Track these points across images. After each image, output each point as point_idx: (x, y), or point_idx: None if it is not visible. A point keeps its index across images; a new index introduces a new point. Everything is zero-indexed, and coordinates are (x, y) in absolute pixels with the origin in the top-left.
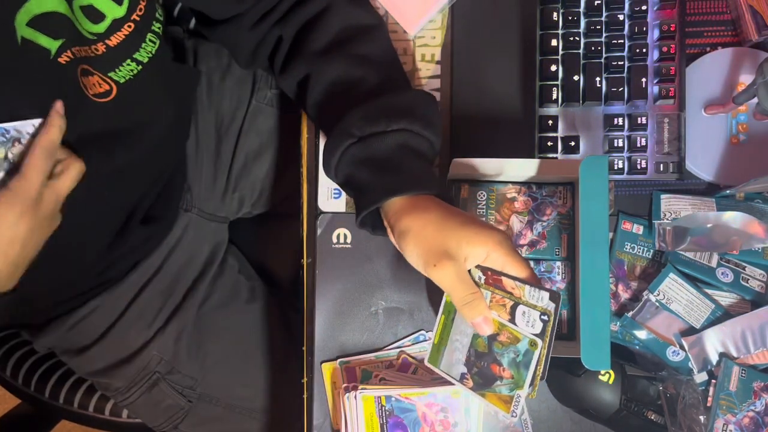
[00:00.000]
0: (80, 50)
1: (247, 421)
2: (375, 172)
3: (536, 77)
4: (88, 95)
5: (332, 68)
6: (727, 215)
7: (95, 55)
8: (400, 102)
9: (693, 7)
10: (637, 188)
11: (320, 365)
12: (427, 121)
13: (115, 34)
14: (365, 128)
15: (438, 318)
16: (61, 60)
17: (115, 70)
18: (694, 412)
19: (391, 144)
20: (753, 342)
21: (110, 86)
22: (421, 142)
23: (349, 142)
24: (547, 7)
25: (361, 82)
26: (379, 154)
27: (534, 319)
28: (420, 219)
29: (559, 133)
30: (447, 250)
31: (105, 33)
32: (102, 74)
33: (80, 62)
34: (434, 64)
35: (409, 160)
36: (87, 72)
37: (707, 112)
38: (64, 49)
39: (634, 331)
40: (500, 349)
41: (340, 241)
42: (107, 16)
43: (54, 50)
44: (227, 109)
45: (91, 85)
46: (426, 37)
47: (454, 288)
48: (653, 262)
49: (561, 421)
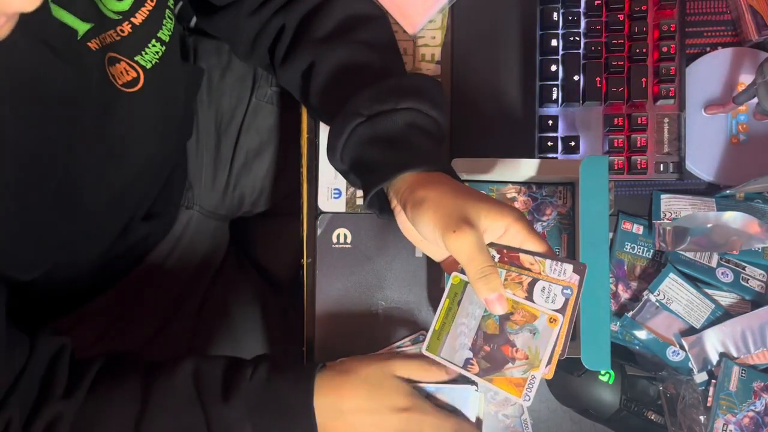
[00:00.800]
0: (106, 36)
1: None
2: (384, 150)
3: (536, 77)
4: (116, 85)
5: (337, 54)
6: (727, 215)
7: (121, 37)
8: (407, 83)
9: (693, 7)
10: (637, 188)
11: None
12: (434, 102)
13: (139, 10)
14: (374, 107)
15: (441, 302)
16: (90, 45)
17: (141, 53)
18: (694, 412)
19: (400, 122)
20: (753, 342)
21: (137, 73)
22: (429, 122)
23: (357, 121)
24: (547, 7)
25: (366, 66)
26: (388, 132)
27: (555, 294)
28: (436, 189)
29: (559, 133)
30: (468, 216)
31: (130, 10)
32: (129, 59)
33: (108, 50)
34: (434, 64)
35: (419, 138)
36: (114, 60)
37: (707, 112)
38: (92, 35)
39: (634, 331)
40: (514, 329)
41: (340, 241)
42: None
43: (81, 32)
44: (227, 107)
45: (119, 74)
46: (426, 37)
47: (472, 257)
48: (653, 262)
49: (561, 421)
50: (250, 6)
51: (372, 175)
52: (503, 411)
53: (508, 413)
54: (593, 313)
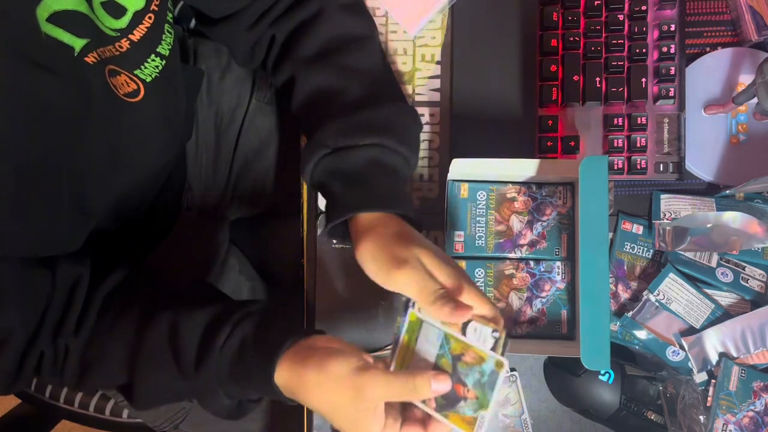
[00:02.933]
0: (105, 51)
1: (246, 421)
2: (344, 186)
3: (536, 77)
4: (119, 95)
5: (317, 76)
6: (727, 215)
7: (120, 52)
8: (377, 117)
9: (693, 7)
10: (637, 188)
11: None
12: (402, 137)
13: (137, 27)
14: (339, 140)
15: (399, 341)
16: (87, 60)
17: (140, 67)
18: (693, 412)
19: (362, 158)
20: (753, 342)
21: (137, 85)
22: (394, 159)
23: (323, 152)
24: (547, 7)
25: (342, 93)
26: (349, 168)
27: (486, 336)
28: (381, 234)
29: (559, 133)
30: (410, 253)
31: (127, 28)
32: (129, 72)
33: (107, 62)
34: (434, 64)
35: (379, 177)
36: (115, 72)
37: (707, 112)
38: (89, 50)
39: (634, 331)
40: (465, 369)
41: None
42: (128, 9)
43: (78, 48)
44: (227, 108)
45: (120, 85)
46: (426, 37)
47: (423, 286)
48: (653, 262)
49: (561, 421)
50: (248, 19)
51: (332, 209)
52: (503, 411)
53: (508, 413)
54: (593, 313)
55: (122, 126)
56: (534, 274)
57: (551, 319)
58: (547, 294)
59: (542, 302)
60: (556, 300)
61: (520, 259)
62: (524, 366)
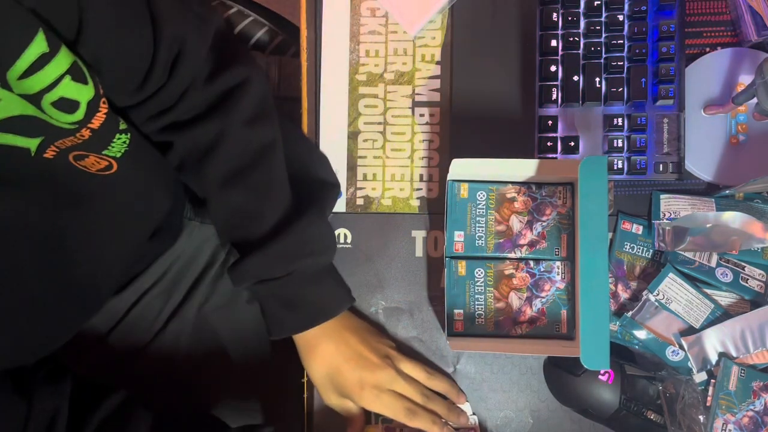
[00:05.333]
0: (64, 142)
1: (247, 421)
2: (278, 308)
3: (536, 77)
4: (92, 172)
5: (230, 199)
6: (727, 215)
7: (82, 140)
8: (291, 243)
9: (693, 7)
10: (637, 188)
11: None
12: (320, 249)
13: (95, 116)
14: (264, 274)
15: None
16: (47, 155)
17: (108, 147)
18: (693, 411)
19: (289, 284)
20: (752, 342)
21: (109, 162)
22: (316, 268)
23: (252, 281)
24: (547, 7)
25: (256, 219)
26: (279, 294)
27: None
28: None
29: (559, 134)
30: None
31: (84, 119)
32: (96, 154)
33: (69, 151)
34: (434, 64)
35: (309, 292)
36: (81, 156)
37: (707, 112)
38: (46, 146)
39: (634, 331)
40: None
41: (340, 241)
42: (81, 101)
43: (34, 148)
44: None
45: (90, 165)
46: (426, 37)
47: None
48: (653, 262)
49: (561, 421)
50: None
51: (269, 325)
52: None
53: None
54: (593, 313)
55: (110, 196)
56: (534, 273)
57: (551, 319)
58: (547, 294)
59: (542, 302)
60: (556, 300)
61: (520, 259)
62: (524, 366)
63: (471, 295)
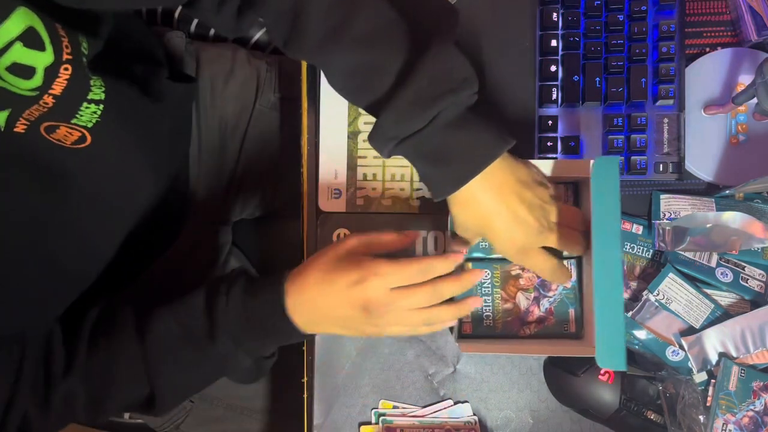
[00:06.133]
0: (31, 112)
1: (247, 421)
2: (431, 167)
3: (536, 77)
4: (66, 146)
5: (339, 60)
6: (727, 215)
7: (48, 108)
8: (422, 84)
9: (693, 7)
10: (637, 188)
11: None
12: (453, 83)
13: (55, 81)
14: (402, 130)
15: None
16: (17, 129)
17: (76, 116)
18: (693, 411)
19: (434, 134)
20: (752, 342)
21: (81, 132)
22: (459, 108)
23: (393, 144)
24: (547, 8)
25: (376, 72)
26: (428, 150)
27: None
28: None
29: (559, 134)
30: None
31: (43, 85)
32: (66, 123)
33: (40, 121)
34: None
35: (457, 140)
36: (52, 127)
37: (707, 112)
38: (15, 118)
39: (634, 331)
40: None
41: None
42: (36, 67)
43: (2, 122)
44: (231, 114)
45: (63, 137)
46: None
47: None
48: (653, 262)
49: (561, 421)
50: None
51: (430, 186)
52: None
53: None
54: (607, 314)
55: (89, 174)
56: None
57: (559, 319)
58: (555, 293)
59: (550, 302)
60: (564, 299)
61: None
62: (524, 366)
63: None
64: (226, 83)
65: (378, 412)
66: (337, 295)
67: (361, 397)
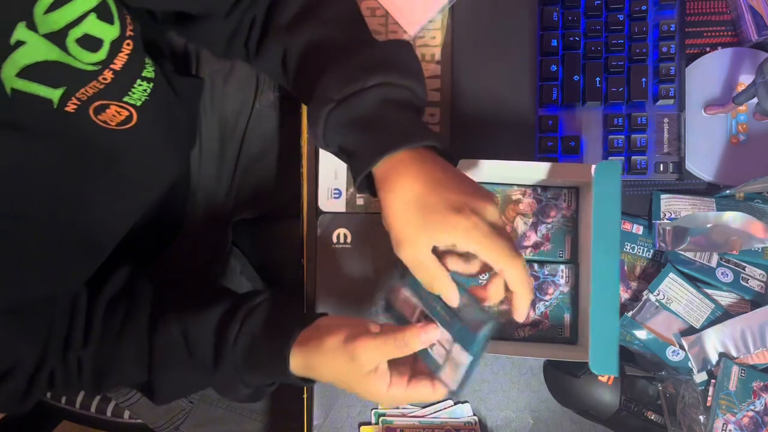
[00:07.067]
0: (86, 90)
1: (247, 422)
2: (360, 134)
3: (536, 77)
4: (111, 127)
5: (302, 36)
6: (727, 215)
7: (104, 85)
8: (373, 56)
9: (693, 7)
10: (637, 188)
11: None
12: (404, 69)
13: (117, 56)
14: (342, 90)
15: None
16: (68, 109)
17: (128, 93)
18: (693, 411)
19: (371, 100)
20: (753, 342)
21: (129, 112)
22: (403, 93)
23: (329, 107)
24: (547, 8)
25: (331, 43)
26: (361, 114)
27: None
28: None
29: (559, 134)
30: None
31: (107, 58)
32: (118, 102)
33: (91, 102)
34: (434, 64)
35: (394, 114)
36: (102, 107)
37: (707, 112)
38: (68, 97)
39: (634, 331)
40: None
41: (340, 241)
42: (104, 39)
43: (56, 100)
44: (230, 114)
45: (110, 118)
46: (426, 37)
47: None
48: (653, 262)
49: (561, 421)
50: (223, 8)
51: (355, 162)
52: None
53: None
54: (602, 318)
55: (124, 155)
56: (538, 277)
57: (554, 323)
58: (551, 297)
59: (545, 305)
60: (560, 303)
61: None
62: (524, 366)
63: None
64: (225, 82)
65: (378, 413)
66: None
67: (361, 398)
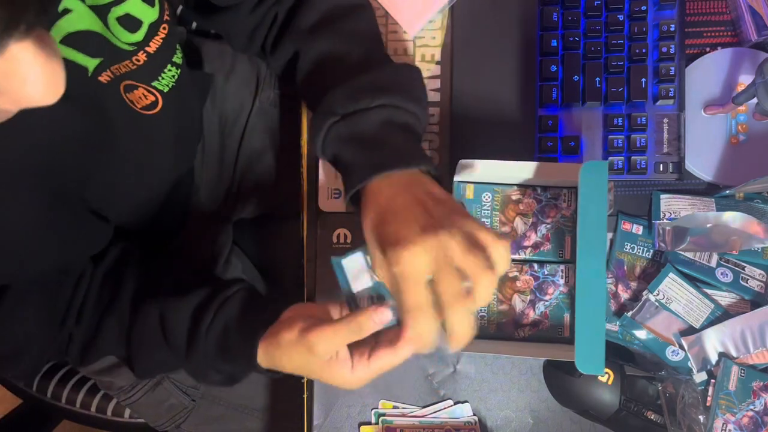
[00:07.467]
0: (120, 67)
1: (248, 420)
2: (359, 150)
3: (536, 77)
4: (136, 109)
5: (319, 44)
6: (727, 215)
7: (137, 66)
8: (382, 77)
9: (693, 7)
10: (637, 188)
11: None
12: (409, 94)
13: (153, 39)
14: (348, 106)
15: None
16: (101, 79)
17: (158, 78)
18: (693, 411)
19: (375, 120)
20: (752, 342)
21: (155, 97)
22: (406, 117)
23: (332, 120)
24: (547, 8)
25: (345, 57)
26: (362, 132)
27: None
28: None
29: (559, 134)
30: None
31: (144, 40)
32: (146, 85)
33: (122, 79)
34: (434, 65)
35: (394, 135)
36: (131, 87)
37: (707, 112)
38: (103, 69)
39: (634, 331)
40: None
41: (340, 241)
42: (144, 21)
43: (91, 68)
44: (231, 111)
45: (137, 99)
46: (426, 37)
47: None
48: (653, 262)
49: (561, 421)
50: (250, 3)
51: (349, 176)
52: None
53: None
54: (588, 318)
55: (145, 139)
56: (537, 277)
57: (553, 323)
58: (551, 297)
59: (545, 305)
60: (559, 303)
61: (524, 262)
62: (524, 366)
63: None
64: (226, 79)
65: (378, 413)
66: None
67: (361, 397)
